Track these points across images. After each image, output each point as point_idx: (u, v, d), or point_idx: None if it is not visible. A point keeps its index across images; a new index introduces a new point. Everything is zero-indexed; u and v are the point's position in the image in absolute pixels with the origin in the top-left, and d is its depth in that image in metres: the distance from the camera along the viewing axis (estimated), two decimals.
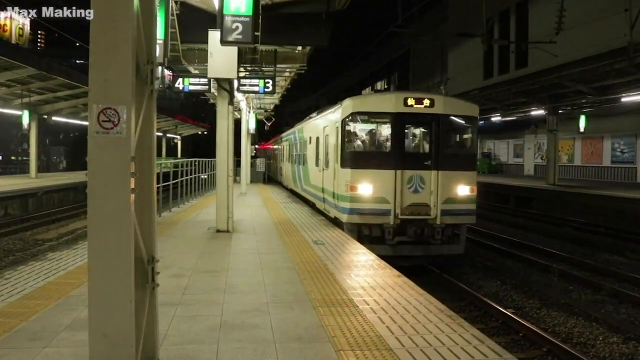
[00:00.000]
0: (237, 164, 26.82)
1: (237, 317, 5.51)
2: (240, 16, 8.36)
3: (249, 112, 26.55)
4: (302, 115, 31.15)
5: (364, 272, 7.69)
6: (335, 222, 12.68)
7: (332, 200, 12.75)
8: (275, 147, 37.71)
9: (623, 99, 21.35)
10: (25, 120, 26.33)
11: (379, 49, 46.03)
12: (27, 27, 18.15)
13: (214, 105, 16.72)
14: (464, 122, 12.01)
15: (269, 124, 36.94)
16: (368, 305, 5.97)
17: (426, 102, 11.29)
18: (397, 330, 5.10)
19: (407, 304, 6.04)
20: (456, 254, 11.80)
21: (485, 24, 19.90)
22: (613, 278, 11.24)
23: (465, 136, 12.45)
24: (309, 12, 12.77)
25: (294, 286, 6.83)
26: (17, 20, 17.13)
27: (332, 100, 21.70)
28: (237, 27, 8.35)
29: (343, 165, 11.66)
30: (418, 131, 12.48)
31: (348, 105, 11.70)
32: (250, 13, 8.39)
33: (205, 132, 60.71)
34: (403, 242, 11.08)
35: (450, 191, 11.18)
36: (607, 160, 29.94)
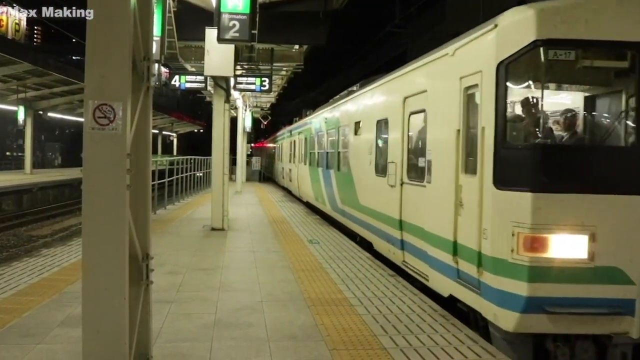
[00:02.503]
0: (233, 162, 26.80)
1: (232, 315, 5.51)
2: (237, 14, 8.36)
3: (245, 110, 26.54)
4: (299, 114, 29.95)
5: (359, 271, 7.69)
6: (448, 304, 5.99)
7: (447, 260, 5.87)
8: (279, 144, 30.62)
9: None
10: (21, 116, 26.28)
11: (377, 48, 46.09)
12: (24, 23, 18.04)
13: (210, 103, 16.72)
14: None
15: (265, 123, 36.93)
16: (362, 304, 5.98)
17: None
18: (391, 330, 5.11)
19: (401, 303, 6.05)
20: None
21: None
22: None
23: None
24: (306, 10, 12.76)
25: (288, 285, 6.83)
26: (13, 16, 17.05)
27: (329, 100, 16.86)
28: (234, 25, 8.35)
29: (502, 181, 4.94)
30: None
31: (523, 22, 4.86)
32: (248, 11, 8.39)
33: (202, 130, 60.68)
34: None
35: None
36: None
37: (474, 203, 5.23)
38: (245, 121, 26.97)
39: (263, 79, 14.85)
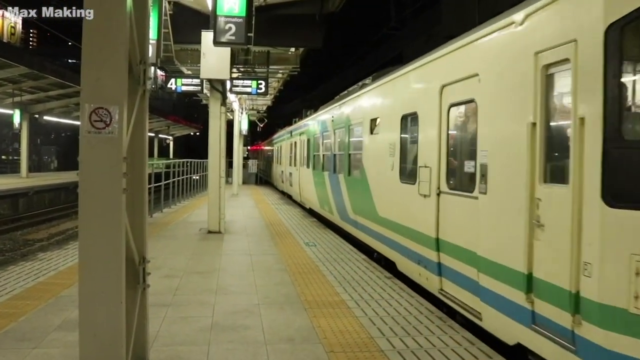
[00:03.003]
0: (229, 165, 26.75)
1: (228, 318, 5.50)
2: (233, 17, 8.35)
3: (242, 113, 26.52)
4: (296, 115, 29.36)
5: (356, 273, 7.69)
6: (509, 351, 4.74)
7: (515, 298, 4.33)
8: (277, 146, 28.79)
9: None
10: (17, 119, 26.17)
11: (374, 49, 46.17)
12: (19, 26, 18.01)
13: (206, 106, 16.70)
14: None
15: (261, 125, 36.95)
16: (359, 306, 5.98)
17: None
18: (388, 332, 5.12)
19: (398, 305, 6.05)
20: None
21: None
22: None
23: None
24: (302, 13, 12.78)
25: (285, 287, 6.82)
26: (9, 19, 17.02)
27: (325, 102, 16.53)
28: (230, 28, 8.34)
29: (616, 195, 3.33)
30: None
31: None
32: (244, 14, 8.38)
33: (198, 133, 60.66)
34: None
35: None
36: None
37: (564, 224, 3.67)
38: (242, 124, 26.95)
39: (259, 81, 14.85)
